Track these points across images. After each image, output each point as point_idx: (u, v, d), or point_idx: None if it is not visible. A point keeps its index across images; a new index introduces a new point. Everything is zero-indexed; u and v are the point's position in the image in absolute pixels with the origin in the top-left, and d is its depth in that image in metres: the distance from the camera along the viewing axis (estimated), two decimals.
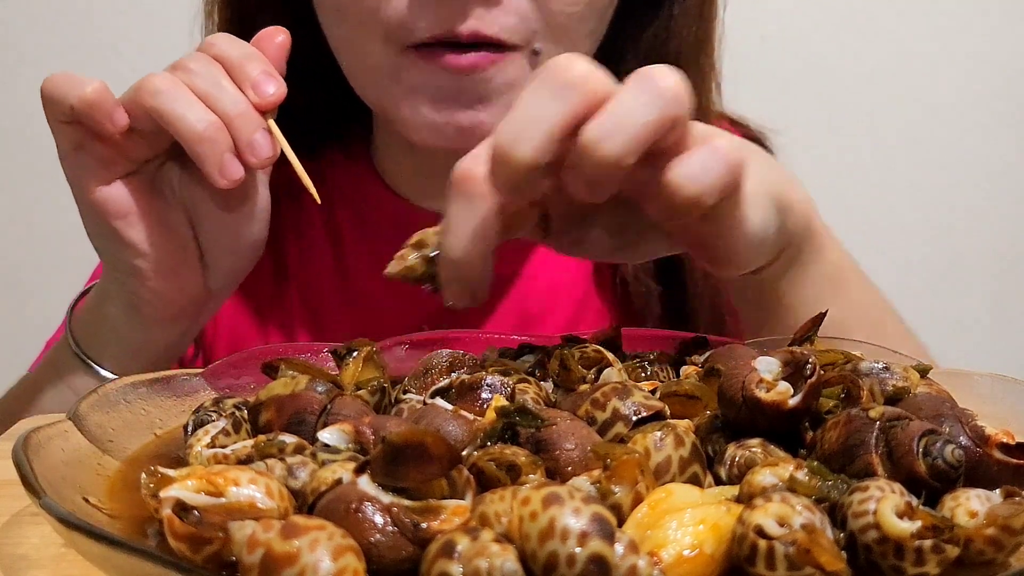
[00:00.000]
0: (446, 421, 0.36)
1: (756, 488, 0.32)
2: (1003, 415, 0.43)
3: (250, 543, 0.27)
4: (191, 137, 0.54)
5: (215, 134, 0.54)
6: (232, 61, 0.57)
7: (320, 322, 0.78)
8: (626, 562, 0.26)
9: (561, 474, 0.33)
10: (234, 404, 0.41)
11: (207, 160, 0.55)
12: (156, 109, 0.54)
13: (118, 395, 0.43)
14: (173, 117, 0.54)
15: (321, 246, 0.79)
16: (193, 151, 0.55)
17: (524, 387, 0.42)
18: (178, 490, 0.29)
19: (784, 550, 0.28)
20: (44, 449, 0.35)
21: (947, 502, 0.32)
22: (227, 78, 0.56)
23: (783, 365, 0.37)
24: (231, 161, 0.55)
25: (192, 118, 0.54)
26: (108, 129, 0.55)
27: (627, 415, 0.37)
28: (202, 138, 0.54)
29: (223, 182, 0.55)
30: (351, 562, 0.27)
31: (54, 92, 0.56)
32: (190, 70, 0.56)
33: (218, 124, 0.55)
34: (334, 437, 0.34)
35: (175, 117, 0.54)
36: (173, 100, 0.54)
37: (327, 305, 0.79)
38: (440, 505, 0.30)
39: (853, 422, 0.34)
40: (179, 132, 0.54)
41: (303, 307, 0.79)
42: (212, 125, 0.54)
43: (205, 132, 0.54)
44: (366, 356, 0.45)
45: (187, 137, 0.54)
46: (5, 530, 0.37)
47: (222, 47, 0.58)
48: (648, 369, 0.48)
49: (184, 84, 0.55)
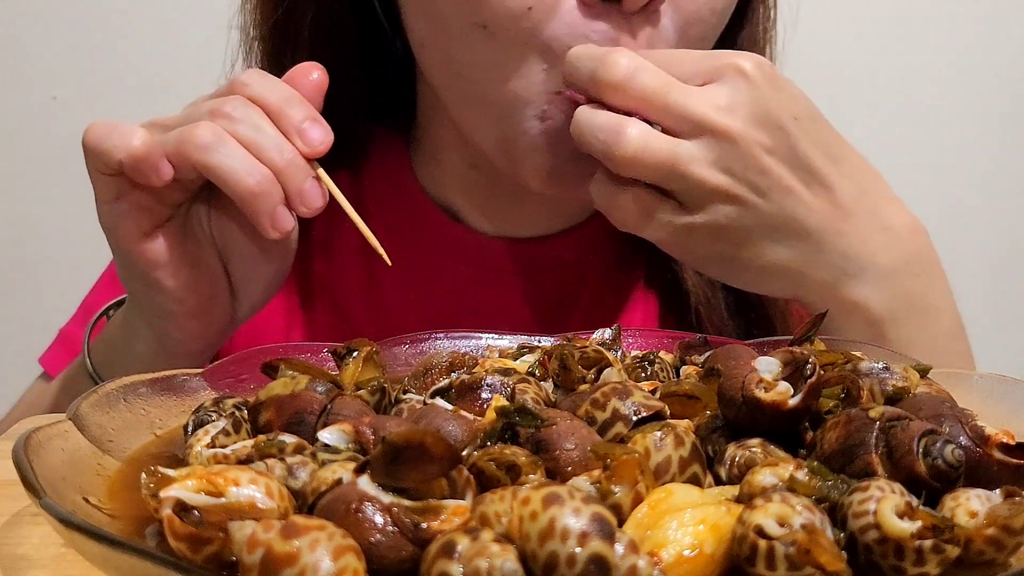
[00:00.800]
0: (446, 421, 0.36)
1: (756, 488, 0.32)
2: (1003, 415, 0.43)
3: (250, 543, 0.27)
4: (244, 194, 0.53)
5: (268, 188, 0.54)
6: (272, 106, 0.56)
7: (347, 336, 0.78)
8: (626, 562, 0.26)
9: (561, 474, 0.33)
10: (234, 404, 0.41)
11: (260, 215, 0.54)
12: (205, 165, 0.53)
13: (118, 395, 0.43)
14: (224, 172, 0.53)
15: (352, 258, 0.77)
16: (246, 207, 0.54)
17: (524, 387, 0.42)
18: (178, 490, 0.29)
19: (784, 550, 0.28)
20: (44, 449, 0.35)
21: (947, 502, 0.32)
22: (270, 123, 0.55)
23: (783, 365, 0.37)
24: (283, 214, 0.54)
25: (243, 172, 0.53)
26: (154, 183, 0.54)
27: (627, 415, 0.37)
28: (255, 194, 0.53)
29: (275, 235, 0.54)
30: (351, 562, 0.27)
31: (99, 145, 0.55)
32: (232, 118, 0.55)
33: (270, 177, 0.54)
34: (334, 437, 0.34)
35: (226, 172, 0.53)
36: (222, 155, 0.53)
37: (356, 318, 0.77)
38: (440, 505, 0.30)
39: (853, 422, 0.34)
40: (232, 189, 0.54)
41: (331, 319, 0.77)
42: (265, 179, 0.54)
43: (258, 187, 0.53)
44: (366, 356, 0.45)
45: (240, 194, 0.54)
46: (5, 530, 0.37)
47: (258, 89, 0.56)
48: (648, 369, 0.48)
49: (229, 135, 0.54)
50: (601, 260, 0.78)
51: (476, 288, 0.76)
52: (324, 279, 0.77)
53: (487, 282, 0.76)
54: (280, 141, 0.55)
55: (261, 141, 0.54)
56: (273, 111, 0.55)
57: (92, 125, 0.55)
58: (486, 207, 0.76)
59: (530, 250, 0.76)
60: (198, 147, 0.53)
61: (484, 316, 0.75)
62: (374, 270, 0.76)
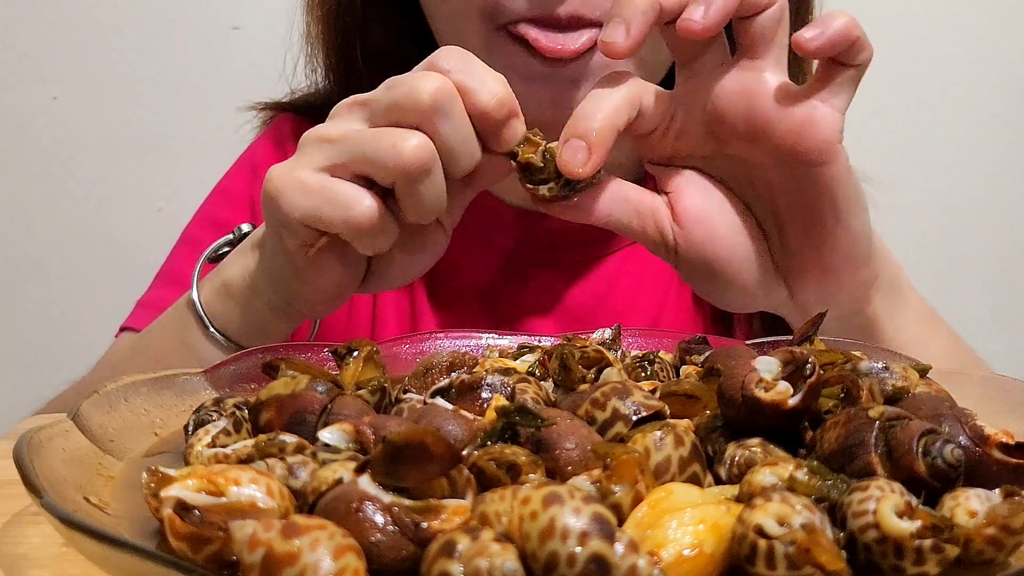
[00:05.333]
0: (446, 421, 0.36)
1: (756, 488, 0.32)
2: (1003, 415, 0.43)
3: (251, 543, 0.27)
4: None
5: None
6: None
7: (408, 315, 0.79)
8: (626, 562, 0.26)
9: (561, 474, 0.33)
10: (234, 404, 0.41)
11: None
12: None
13: (118, 395, 0.43)
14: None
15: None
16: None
17: (524, 387, 0.42)
18: (179, 490, 0.29)
19: (784, 550, 0.28)
20: (45, 449, 0.35)
21: (947, 502, 0.32)
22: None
23: (783, 365, 0.37)
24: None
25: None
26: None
27: (627, 415, 0.37)
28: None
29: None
30: (352, 562, 0.27)
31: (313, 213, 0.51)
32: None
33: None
34: (334, 437, 0.34)
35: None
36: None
37: (417, 299, 0.79)
38: (440, 505, 0.30)
39: (853, 422, 0.34)
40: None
41: (392, 297, 0.79)
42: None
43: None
44: (366, 356, 0.45)
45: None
46: (5, 530, 0.37)
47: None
48: (648, 369, 0.48)
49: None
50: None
51: (527, 265, 0.79)
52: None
53: (534, 259, 0.79)
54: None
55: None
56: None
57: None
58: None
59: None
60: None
61: (534, 295, 0.79)
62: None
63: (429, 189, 0.50)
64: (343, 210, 0.50)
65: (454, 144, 0.50)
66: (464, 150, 0.51)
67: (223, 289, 0.61)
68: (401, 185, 0.50)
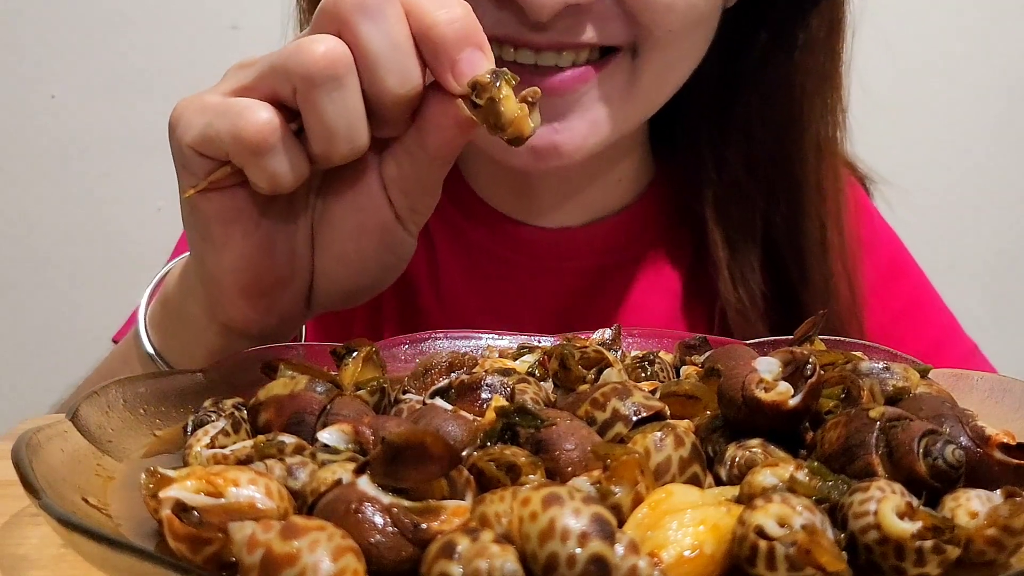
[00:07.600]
0: (446, 421, 0.36)
1: (756, 488, 0.32)
2: (1003, 415, 0.43)
3: (250, 544, 0.27)
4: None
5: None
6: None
7: (413, 326, 0.78)
8: (626, 563, 0.26)
9: (561, 474, 0.33)
10: (233, 404, 0.41)
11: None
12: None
13: (118, 395, 0.43)
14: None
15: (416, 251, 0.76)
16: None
17: (524, 387, 0.42)
18: (178, 490, 0.29)
19: (785, 551, 0.28)
20: (44, 449, 0.35)
21: (947, 502, 0.32)
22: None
23: (783, 365, 0.37)
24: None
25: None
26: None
27: (627, 415, 0.37)
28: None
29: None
30: (351, 563, 0.27)
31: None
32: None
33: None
34: (334, 437, 0.34)
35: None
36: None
37: (422, 311, 0.78)
38: (440, 506, 0.30)
39: (853, 422, 0.34)
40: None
41: (397, 309, 0.78)
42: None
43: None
44: (365, 356, 0.45)
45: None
46: (5, 530, 0.37)
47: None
48: (648, 369, 0.48)
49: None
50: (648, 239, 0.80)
51: (527, 277, 0.79)
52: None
53: (531, 270, 0.79)
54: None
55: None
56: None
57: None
58: (528, 206, 0.78)
59: (560, 236, 0.78)
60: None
61: (526, 303, 0.78)
62: (436, 261, 0.78)
63: (337, 104, 0.42)
64: (233, 118, 0.43)
65: (379, 52, 0.42)
66: (393, 63, 0.42)
67: (162, 300, 0.57)
68: (302, 93, 0.42)
